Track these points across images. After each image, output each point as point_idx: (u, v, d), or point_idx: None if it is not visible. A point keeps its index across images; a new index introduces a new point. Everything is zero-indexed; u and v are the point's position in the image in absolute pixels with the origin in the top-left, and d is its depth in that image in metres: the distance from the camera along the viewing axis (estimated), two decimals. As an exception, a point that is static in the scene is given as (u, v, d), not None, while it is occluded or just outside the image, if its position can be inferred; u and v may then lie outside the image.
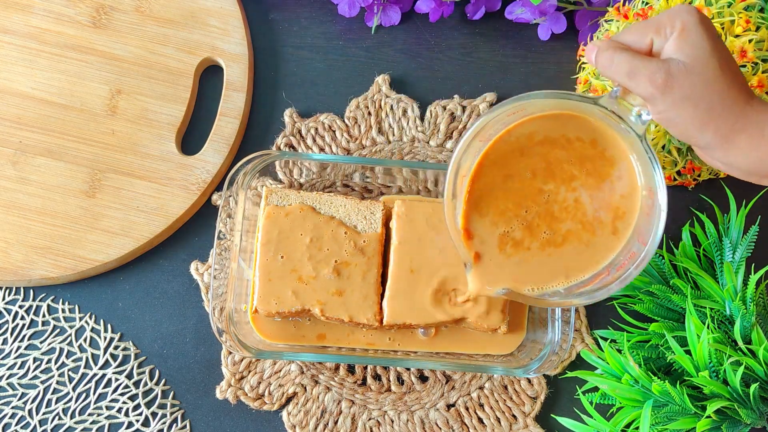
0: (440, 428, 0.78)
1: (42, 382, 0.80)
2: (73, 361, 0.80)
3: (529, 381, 0.79)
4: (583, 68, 0.80)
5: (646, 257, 0.61)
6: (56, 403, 0.79)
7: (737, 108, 0.56)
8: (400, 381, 0.80)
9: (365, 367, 0.80)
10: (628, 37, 0.59)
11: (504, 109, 0.61)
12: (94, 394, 0.80)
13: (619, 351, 0.75)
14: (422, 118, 0.85)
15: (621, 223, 0.65)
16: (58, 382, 0.80)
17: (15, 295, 0.82)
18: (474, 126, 0.62)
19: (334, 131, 0.85)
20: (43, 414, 0.79)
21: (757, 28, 0.72)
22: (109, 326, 0.81)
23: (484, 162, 0.64)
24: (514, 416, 0.79)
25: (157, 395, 0.80)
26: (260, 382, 0.79)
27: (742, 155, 0.57)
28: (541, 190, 0.65)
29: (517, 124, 0.63)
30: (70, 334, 0.81)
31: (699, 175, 0.79)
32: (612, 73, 0.58)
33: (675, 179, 0.80)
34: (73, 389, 0.80)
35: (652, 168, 0.60)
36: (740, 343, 0.70)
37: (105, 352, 0.80)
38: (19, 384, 0.80)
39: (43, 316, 0.81)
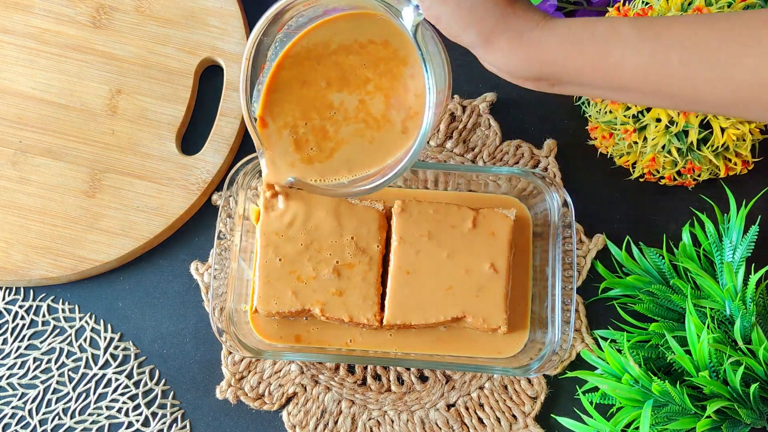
0: (440, 428, 0.78)
1: (42, 382, 0.80)
2: (73, 361, 0.80)
3: (529, 381, 0.79)
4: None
5: (409, 160, 0.62)
6: (56, 403, 0.79)
7: (498, 11, 0.57)
8: (400, 381, 0.80)
9: (365, 367, 0.80)
10: None
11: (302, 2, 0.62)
12: (94, 394, 0.80)
13: (619, 351, 0.75)
14: (422, 118, 0.85)
15: (411, 123, 0.67)
16: (58, 382, 0.80)
17: (15, 295, 0.82)
18: (268, 13, 0.63)
19: (334, 131, 0.85)
20: (43, 414, 0.79)
21: (757, 28, 0.72)
22: (109, 326, 0.81)
23: (284, 62, 0.67)
24: (514, 416, 0.79)
25: (157, 395, 0.80)
26: (260, 382, 0.79)
27: (503, 57, 0.58)
28: (332, 100, 0.67)
29: (313, 27, 0.66)
30: (70, 334, 0.81)
31: (699, 175, 0.79)
32: None
33: (675, 179, 0.80)
34: (73, 389, 0.80)
35: (420, 56, 0.60)
36: (740, 343, 0.70)
37: (105, 352, 0.80)
38: (19, 384, 0.80)
39: (43, 316, 0.81)
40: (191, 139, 0.85)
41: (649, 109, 0.74)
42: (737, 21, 0.53)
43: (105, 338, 0.81)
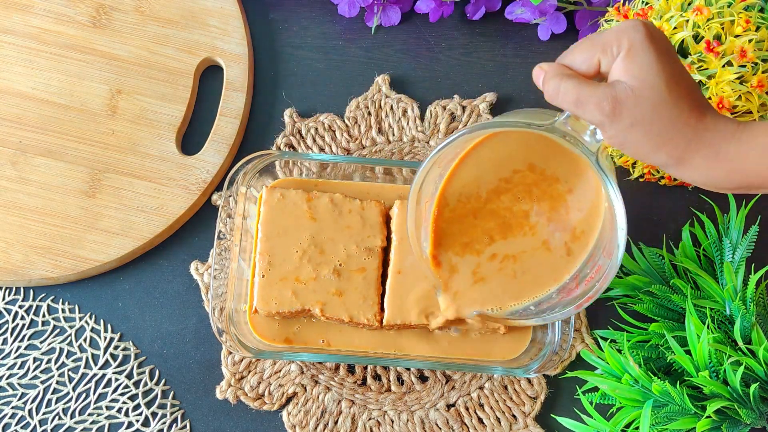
0: (440, 428, 0.78)
1: (42, 382, 0.80)
2: (73, 361, 0.80)
3: (529, 381, 0.79)
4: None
5: (610, 273, 0.61)
6: (56, 403, 0.79)
7: (689, 130, 0.55)
8: (400, 381, 0.80)
9: (365, 367, 0.80)
10: (575, 57, 0.58)
11: (461, 139, 0.61)
12: (94, 394, 0.80)
13: (619, 351, 0.75)
14: (422, 118, 0.85)
15: (575, 244, 0.66)
16: (58, 382, 0.80)
17: (15, 295, 0.82)
18: (432, 154, 0.61)
19: (334, 131, 0.85)
20: (43, 414, 0.79)
21: (757, 28, 0.72)
22: (109, 326, 0.81)
23: (447, 189, 0.65)
24: (514, 416, 0.79)
25: (157, 395, 0.80)
26: (260, 382, 0.79)
27: (699, 174, 0.56)
28: (503, 218, 0.66)
29: (475, 146, 0.64)
30: (70, 334, 0.81)
31: (699, 175, 0.79)
32: (559, 102, 0.57)
33: (675, 179, 0.80)
34: (73, 389, 0.80)
35: (605, 185, 0.59)
36: (740, 343, 0.70)
37: (105, 352, 0.80)
38: (19, 384, 0.80)
39: (43, 316, 0.81)
40: (191, 139, 0.85)
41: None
42: None
43: (105, 338, 0.81)
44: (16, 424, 0.79)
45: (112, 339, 0.81)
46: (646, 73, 0.54)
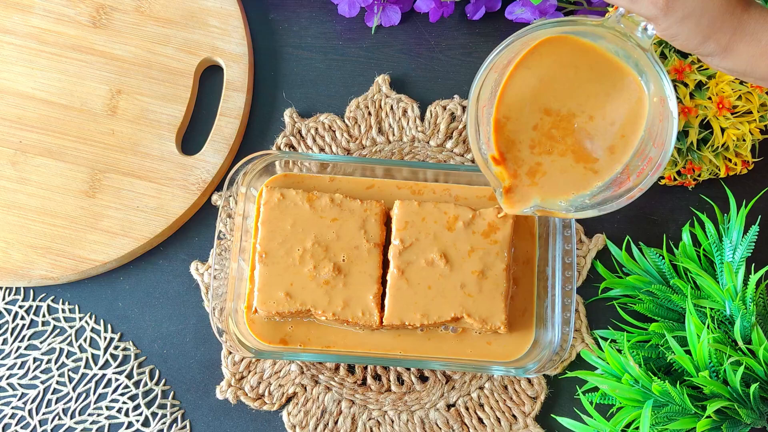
0: (440, 428, 0.78)
1: (42, 382, 0.80)
2: (73, 361, 0.80)
3: (529, 381, 0.79)
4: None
5: (663, 161, 0.65)
6: (56, 403, 0.79)
7: (735, 19, 0.58)
8: (400, 381, 0.80)
9: (365, 367, 0.80)
10: None
11: (517, 41, 0.64)
12: (94, 394, 0.80)
13: (619, 351, 0.75)
14: (422, 118, 0.85)
15: (622, 141, 0.69)
16: (58, 382, 0.80)
17: (15, 295, 0.82)
18: (489, 59, 0.64)
19: (334, 131, 0.85)
20: (43, 414, 0.79)
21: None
22: (109, 326, 0.81)
23: (505, 93, 0.68)
24: (514, 416, 0.79)
25: (157, 395, 0.80)
26: (260, 382, 0.79)
27: (741, 61, 0.59)
28: (560, 113, 0.69)
29: (528, 52, 0.67)
30: (70, 334, 0.81)
31: (699, 175, 0.79)
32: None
33: (675, 179, 0.80)
34: (73, 389, 0.80)
35: (660, 78, 0.63)
36: (740, 343, 0.70)
37: (105, 352, 0.80)
38: (19, 384, 0.80)
39: (43, 316, 0.81)
40: (191, 139, 0.85)
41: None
42: None
43: (105, 338, 0.81)
44: (16, 424, 0.79)
45: (112, 339, 0.81)
46: None
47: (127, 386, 0.80)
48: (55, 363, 0.80)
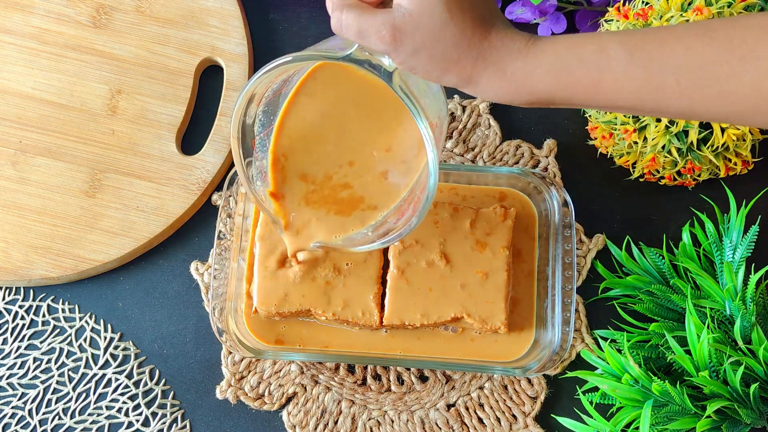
0: (440, 428, 0.78)
1: (42, 382, 0.80)
2: (73, 361, 0.80)
3: (529, 381, 0.79)
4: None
5: (429, 191, 0.60)
6: (56, 403, 0.79)
7: (474, 51, 0.54)
8: (400, 381, 0.80)
9: (365, 367, 0.80)
10: None
11: (272, 73, 0.59)
12: (94, 394, 0.80)
13: (619, 351, 0.75)
14: (422, 118, 0.85)
15: (402, 168, 0.66)
16: (58, 382, 0.80)
17: (15, 295, 0.82)
18: (242, 96, 0.61)
19: (333, 131, 0.85)
20: (43, 414, 0.79)
21: (757, 28, 0.72)
22: (109, 326, 0.81)
23: (284, 124, 0.66)
24: (514, 416, 0.79)
25: (157, 395, 0.80)
26: (260, 382, 0.79)
27: (489, 92, 0.55)
28: (338, 159, 0.67)
29: (298, 87, 0.64)
30: (70, 334, 0.81)
31: (699, 175, 0.79)
32: (344, 35, 0.56)
33: (675, 179, 0.80)
34: (73, 389, 0.80)
35: (405, 104, 0.57)
36: (740, 343, 0.70)
37: (105, 352, 0.80)
38: (19, 384, 0.80)
39: (43, 316, 0.81)
40: (191, 139, 0.85)
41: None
42: (733, 33, 0.51)
43: (105, 338, 0.81)
44: (16, 424, 0.79)
45: (112, 339, 0.81)
46: None
47: (127, 386, 0.80)
48: (55, 363, 0.80)
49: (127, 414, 0.79)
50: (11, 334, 0.81)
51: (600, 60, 0.53)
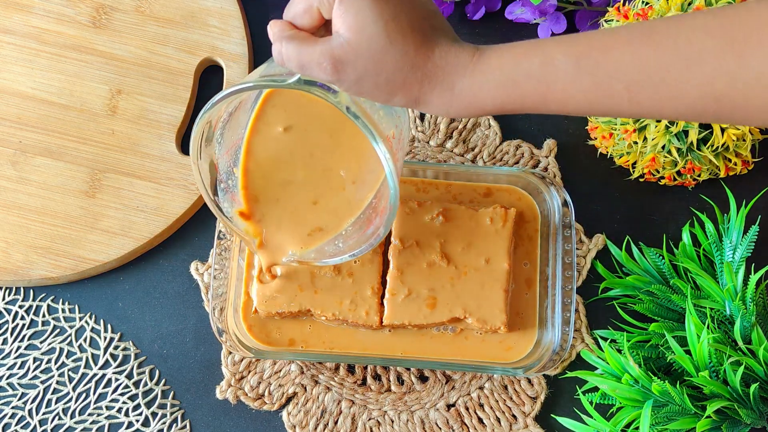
0: (440, 428, 0.78)
1: (42, 382, 0.80)
2: (73, 361, 0.80)
3: (529, 381, 0.79)
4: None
5: (392, 202, 0.61)
6: (56, 403, 0.79)
7: (419, 72, 0.53)
8: (400, 381, 0.80)
9: (365, 367, 0.80)
10: (297, 11, 0.54)
11: (225, 101, 0.59)
12: (94, 394, 0.80)
13: (619, 351, 0.75)
14: (422, 118, 0.85)
15: (365, 177, 0.68)
16: (58, 382, 0.80)
17: (15, 295, 0.82)
18: (197, 125, 0.61)
19: (333, 131, 0.85)
20: (43, 414, 0.79)
21: (757, 28, 0.72)
22: (109, 326, 0.81)
23: (251, 143, 0.67)
24: (514, 416, 0.79)
25: (157, 395, 0.80)
26: (260, 382, 0.79)
27: (439, 109, 0.55)
28: (305, 168, 0.68)
29: (259, 110, 0.65)
30: (70, 334, 0.81)
31: (699, 175, 0.79)
32: (287, 66, 0.55)
33: (675, 179, 0.80)
34: (73, 389, 0.80)
35: (358, 125, 0.57)
36: (740, 343, 0.70)
37: (105, 352, 0.80)
38: (19, 384, 0.80)
39: (43, 316, 0.81)
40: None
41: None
42: (677, 34, 0.50)
43: (105, 338, 0.81)
44: (16, 424, 0.79)
45: (112, 339, 0.81)
46: (362, 22, 0.51)
47: (127, 386, 0.80)
48: (55, 363, 0.80)
49: (127, 414, 0.79)
50: (11, 334, 0.81)
51: (547, 73, 0.52)
